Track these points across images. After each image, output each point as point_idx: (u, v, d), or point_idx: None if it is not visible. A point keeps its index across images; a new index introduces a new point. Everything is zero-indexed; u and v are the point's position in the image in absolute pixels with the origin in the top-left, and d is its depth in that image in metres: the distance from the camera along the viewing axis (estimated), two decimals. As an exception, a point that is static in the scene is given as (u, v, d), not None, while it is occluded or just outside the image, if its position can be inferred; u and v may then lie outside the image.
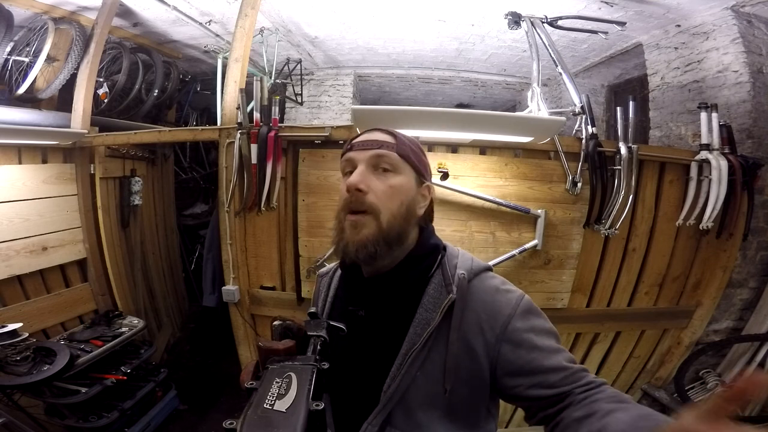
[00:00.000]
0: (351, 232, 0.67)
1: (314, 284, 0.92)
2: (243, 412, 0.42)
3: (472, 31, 3.01)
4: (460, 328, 0.65)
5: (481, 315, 0.66)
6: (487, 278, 0.71)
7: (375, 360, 0.68)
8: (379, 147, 0.71)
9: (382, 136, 0.73)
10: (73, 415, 2.04)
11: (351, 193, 0.67)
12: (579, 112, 1.98)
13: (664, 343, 2.38)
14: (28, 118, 2.33)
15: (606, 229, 1.99)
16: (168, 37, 3.24)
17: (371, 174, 0.69)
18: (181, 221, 3.80)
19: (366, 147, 0.71)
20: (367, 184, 0.67)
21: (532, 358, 0.63)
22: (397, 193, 0.69)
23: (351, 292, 0.76)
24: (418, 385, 0.65)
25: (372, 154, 0.70)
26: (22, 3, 2.43)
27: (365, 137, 0.74)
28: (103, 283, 2.59)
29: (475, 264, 0.72)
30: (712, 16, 2.39)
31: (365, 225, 0.67)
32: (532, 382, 0.62)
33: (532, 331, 0.65)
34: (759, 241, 2.32)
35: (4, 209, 2.08)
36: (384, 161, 0.70)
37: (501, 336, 0.64)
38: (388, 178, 0.69)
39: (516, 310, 0.66)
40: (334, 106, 4.17)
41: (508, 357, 0.64)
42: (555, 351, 0.64)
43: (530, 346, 0.64)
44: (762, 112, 2.27)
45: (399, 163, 0.71)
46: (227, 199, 2.07)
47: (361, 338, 0.70)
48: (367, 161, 0.70)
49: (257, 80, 2.01)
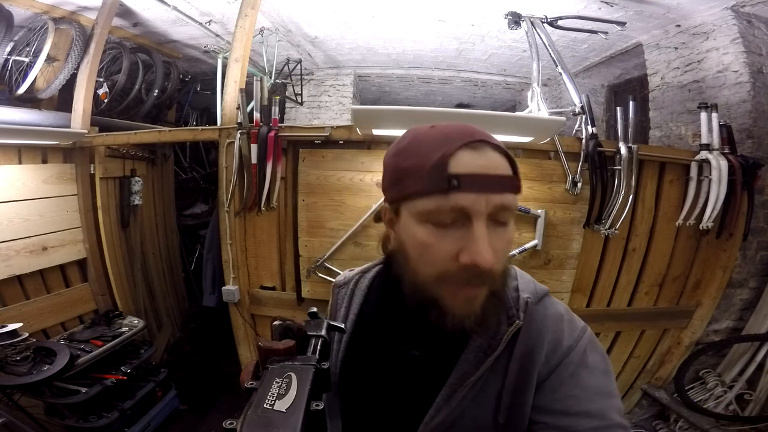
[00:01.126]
0: (464, 307, 0.51)
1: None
2: (243, 412, 0.42)
3: (472, 31, 3.01)
4: (522, 357, 0.56)
5: (545, 345, 0.57)
6: (552, 304, 0.63)
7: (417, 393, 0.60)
8: (503, 189, 0.49)
9: (499, 163, 0.50)
10: (73, 415, 2.04)
11: (475, 269, 0.48)
12: (579, 112, 1.98)
13: (664, 343, 2.38)
14: (28, 118, 2.33)
15: (606, 229, 1.99)
16: (168, 37, 3.24)
17: (492, 232, 0.49)
18: (181, 221, 3.80)
19: (485, 188, 0.48)
20: (495, 254, 0.48)
21: (572, 396, 0.54)
22: (510, 246, 0.54)
23: (401, 330, 0.62)
24: (468, 417, 0.57)
25: (497, 204, 0.48)
26: (22, 3, 2.43)
27: (479, 165, 0.48)
28: (103, 283, 2.59)
29: (538, 287, 0.63)
30: (712, 16, 2.39)
31: (481, 296, 0.52)
32: (560, 424, 0.52)
33: (586, 367, 0.56)
34: (759, 241, 2.32)
35: (4, 209, 2.08)
36: (506, 212, 0.50)
37: (555, 366, 0.56)
38: (507, 233, 0.51)
39: (578, 343, 0.57)
40: (334, 106, 4.17)
41: (551, 386, 0.55)
42: (602, 395, 0.54)
43: (576, 382, 0.55)
44: (762, 112, 2.27)
45: (516, 207, 0.52)
46: (227, 199, 2.07)
47: (412, 376, 0.61)
48: (488, 216, 0.48)
49: (257, 80, 2.01)
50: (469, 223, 0.48)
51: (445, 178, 0.47)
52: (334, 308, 0.76)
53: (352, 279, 0.75)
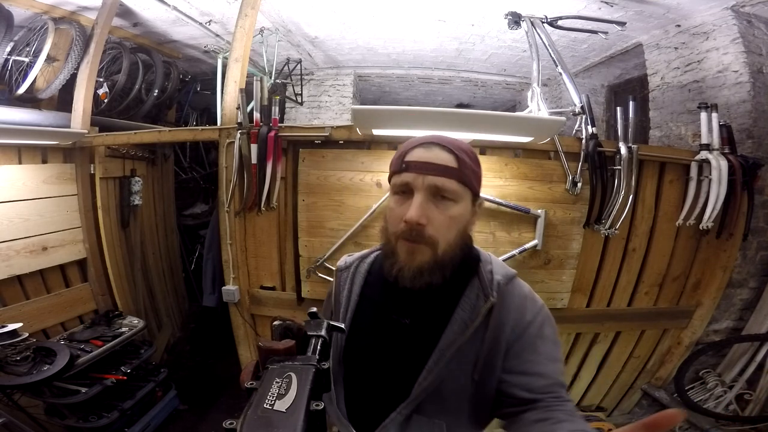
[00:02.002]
0: (406, 258, 0.69)
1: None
2: (243, 412, 0.42)
3: (472, 31, 3.01)
4: (495, 328, 0.70)
5: (512, 317, 0.71)
6: (519, 285, 0.77)
7: (411, 357, 0.72)
8: (441, 173, 0.67)
9: (443, 157, 0.68)
10: (73, 415, 2.04)
11: (410, 226, 0.66)
12: (579, 112, 1.98)
13: (664, 343, 2.38)
14: (28, 118, 2.33)
15: (606, 229, 1.99)
16: (168, 37, 3.24)
17: (430, 203, 0.67)
18: (181, 221, 3.80)
19: (426, 170, 0.67)
20: (427, 216, 0.66)
21: (530, 360, 0.70)
22: (455, 222, 0.69)
23: (394, 302, 0.76)
24: (452, 377, 0.70)
25: (432, 183, 0.67)
26: (22, 3, 2.43)
27: (424, 156, 0.69)
28: (103, 283, 2.59)
29: (508, 271, 0.77)
30: (712, 16, 2.39)
31: (421, 252, 0.68)
32: (520, 382, 0.69)
33: (541, 337, 0.71)
34: (759, 241, 2.32)
35: (4, 209, 2.08)
36: (444, 191, 0.67)
37: (519, 335, 0.71)
38: (448, 208, 0.68)
39: (536, 317, 0.72)
40: (334, 106, 4.17)
41: (515, 351, 0.71)
42: (552, 360, 0.71)
43: (534, 349, 0.70)
44: (762, 112, 2.27)
45: (460, 190, 0.68)
46: (227, 199, 2.07)
47: (404, 342, 0.74)
48: (426, 190, 0.67)
49: (257, 80, 2.01)
50: (412, 194, 0.68)
51: (401, 164, 0.70)
52: (337, 290, 0.88)
53: (353, 263, 0.87)
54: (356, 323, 0.80)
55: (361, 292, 0.82)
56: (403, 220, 0.67)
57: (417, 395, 0.70)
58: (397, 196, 0.71)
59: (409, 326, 0.74)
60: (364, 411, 0.76)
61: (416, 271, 0.68)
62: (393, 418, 0.71)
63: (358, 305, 0.81)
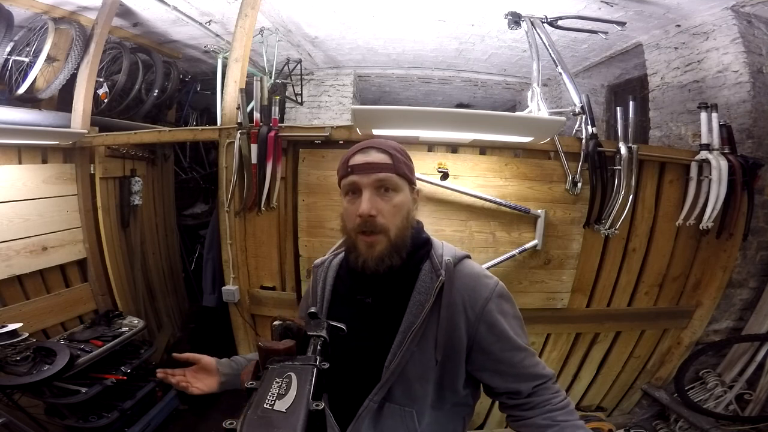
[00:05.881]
0: (367, 251, 0.78)
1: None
2: (243, 412, 0.42)
3: (472, 31, 3.01)
4: (448, 306, 0.78)
5: (464, 295, 0.79)
6: (470, 264, 0.85)
7: (377, 340, 0.79)
8: (380, 170, 0.78)
9: (379, 158, 0.80)
10: (73, 415, 2.04)
11: (364, 219, 0.76)
12: (579, 112, 1.98)
13: (664, 343, 2.38)
14: (28, 118, 2.33)
15: (606, 229, 1.99)
16: (168, 37, 3.24)
17: (376, 196, 0.78)
18: (181, 221, 3.79)
19: (367, 171, 0.78)
20: (376, 208, 0.77)
21: (500, 348, 0.79)
22: (400, 209, 0.80)
23: (358, 284, 0.85)
24: (415, 359, 0.77)
25: (375, 178, 0.78)
26: (22, 3, 2.43)
27: (363, 159, 0.80)
28: (103, 283, 2.59)
29: (458, 252, 0.86)
30: (712, 16, 2.39)
31: (378, 242, 0.77)
32: (496, 368, 0.80)
33: (502, 314, 0.80)
34: (759, 241, 2.32)
35: (4, 209, 2.07)
36: (386, 184, 0.79)
37: (480, 316, 0.78)
38: (392, 198, 0.79)
39: (492, 294, 0.80)
40: (334, 106, 4.17)
41: (483, 335, 0.78)
42: (517, 335, 0.80)
43: (500, 330, 0.78)
44: (762, 112, 2.27)
45: (398, 181, 0.80)
46: (227, 199, 2.07)
47: (368, 321, 0.82)
48: (371, 185, 0.78)
49: (257, 80, 2.01)
50: (361, 193, 0.78)
51: (347, 168, 0.80)
52: (314, 284, 0.96)
53: (327, 259, 0.97)
54: (331, 314, 0.87)
55: (333, 284, 0.90)
56: (357, 215, 0.77)
57: (387, 379, 0.76)
58: (348, 196, 0.81)
59: (372, 305, 0.82)
60: (340, 399, 0.79)
61: (377, 259, 0.77)
62: (367, 406, 0.76)
63: (332, 296, 0.89)
